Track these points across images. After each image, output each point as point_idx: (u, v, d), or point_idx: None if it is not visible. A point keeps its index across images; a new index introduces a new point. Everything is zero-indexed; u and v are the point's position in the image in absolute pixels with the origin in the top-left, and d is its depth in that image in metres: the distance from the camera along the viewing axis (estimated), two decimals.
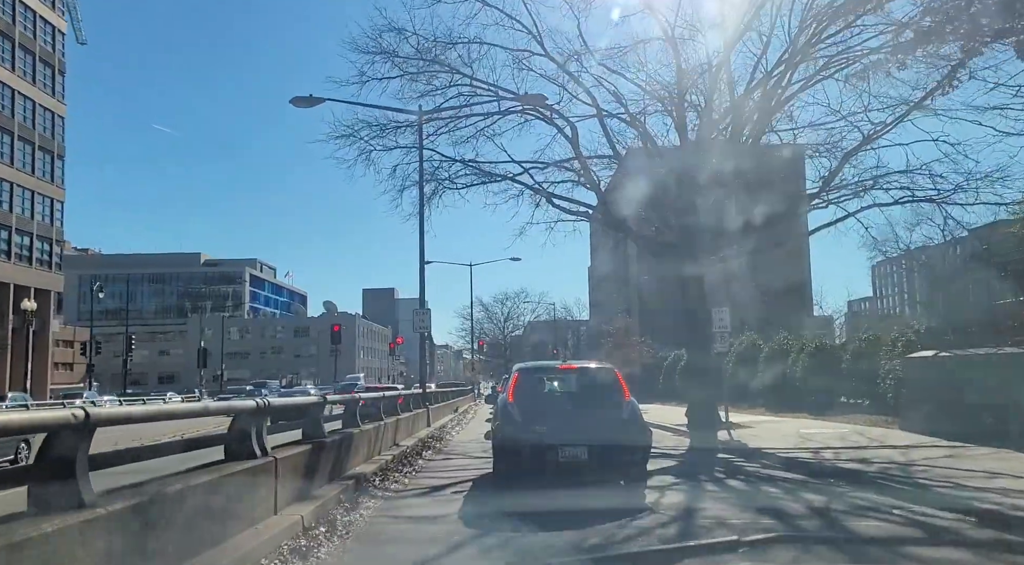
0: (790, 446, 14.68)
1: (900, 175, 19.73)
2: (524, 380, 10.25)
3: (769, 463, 12.59)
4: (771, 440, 15.94)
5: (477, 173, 22.55)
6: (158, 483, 4.76)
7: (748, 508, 7.75)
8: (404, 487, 9.98)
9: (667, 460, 13.81)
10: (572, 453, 8.90)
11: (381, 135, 22.42)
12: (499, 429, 9.78)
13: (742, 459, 13.45)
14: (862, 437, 15.67)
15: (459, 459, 14.29)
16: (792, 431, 18.13)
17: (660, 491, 9.06)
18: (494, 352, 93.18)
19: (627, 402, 9.72)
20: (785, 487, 9.61)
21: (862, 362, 22.33)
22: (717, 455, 14.39)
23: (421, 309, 20.38)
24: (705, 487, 9.82)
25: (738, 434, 17.76)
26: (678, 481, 10.40)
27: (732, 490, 9.81)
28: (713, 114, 20.71)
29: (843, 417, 20.98)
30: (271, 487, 6.41)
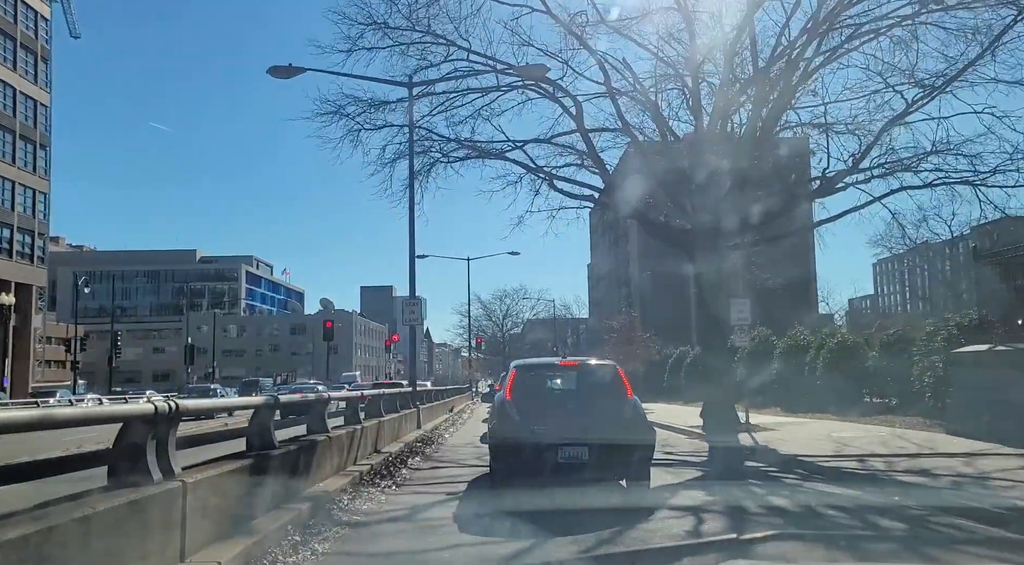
0: (827, 452, 12.90)
1: (935, 156, 18.00)
2: (522, 377, 9.88)
3: (812, 474, 10.79)
4: (802, 445, 14.16)
5: (473, 150, 20.74)
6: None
7: (829, 543, 5.81)
8: (379, 508, 8.16)
9: (689, 470, 12.01)
10: (572, 453, 8.52)
11: (369, 111, 20.65)
12: (496, 428, 9.37)
13: (777, 469, 11.65)
14: (906, 442, 13.87)
15: (450, 468, 12.49)
16: (821, 434, 16.35)
17: (696, 517, 7.21)
18: (493, 350, 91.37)
19: (629, 400, 9.33)
20: (851, 510, 7.68)
21: (890, 359, 20.58)
22: (745, 463, 12.58)
23: (411, 299, 18.55)
24: (747, 508, 7.89)
25: (762, 437, 15.98)
26: (711, 499, 8.53)
27: (788, 515, 7.81)
28: (734, 85, 18.89)
29: (872, 418, 19.20)
30: (176, 523, 4.61)
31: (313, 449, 8.10)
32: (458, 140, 21.17)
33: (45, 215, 55.97)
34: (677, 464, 12.76)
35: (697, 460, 13.62)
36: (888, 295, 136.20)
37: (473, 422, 25.69)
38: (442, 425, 22.22)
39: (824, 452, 12.93)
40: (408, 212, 18.13)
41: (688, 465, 12.69)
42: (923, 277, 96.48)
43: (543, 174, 21.64)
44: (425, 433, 17.50)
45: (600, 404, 9.29)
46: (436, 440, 17.35)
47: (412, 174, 18.14)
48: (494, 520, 7.02)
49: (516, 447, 8.78)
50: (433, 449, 15.45)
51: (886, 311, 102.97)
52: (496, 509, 7.53)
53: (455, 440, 18.34)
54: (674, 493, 9.16)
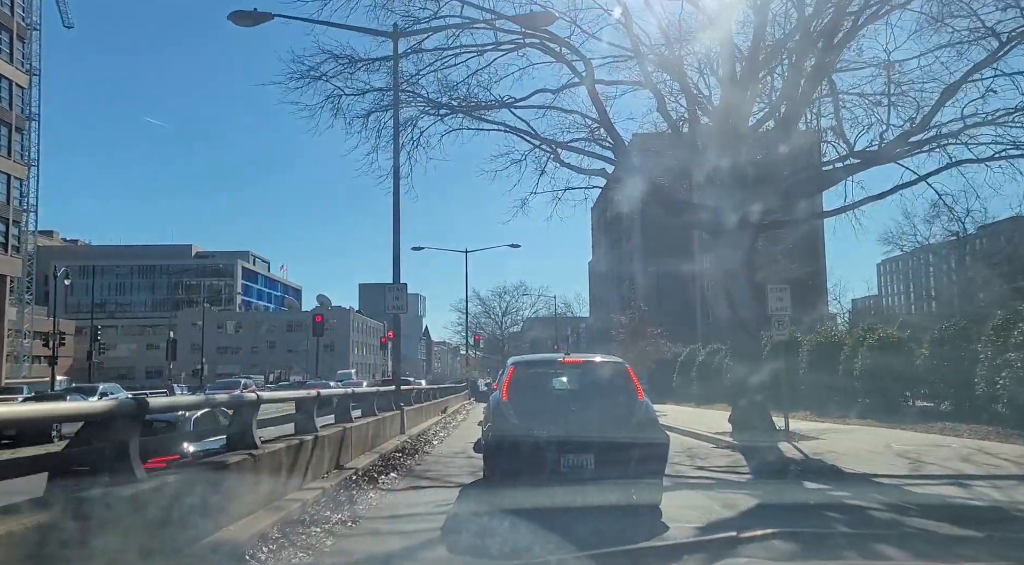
0: (902, 470, 10.35)
1: (991, 125, 15.45)
2: (521, 375, 8.92)
3: (908, 507, 8.19)
4: (862, 459, 11.60)
5: (466, 110, 18.21)
6: None
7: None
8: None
9: (735, 491, 9.46)
10: (576, 461, 7.79)
11: (349, 72, 18.10)
12: (491, 431, 8.41)
13: (851, 494, 9.05)
14: (994, 457, 11.31)
15: (432, 490, 9.92)
16: (876, 444, 13.77)
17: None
18: (492, 349, 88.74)
19: (640, 402, 8.51)
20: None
21: (942, 357, 18.03)
22: (804, 484, 10.01)
23: (395, 285, 15.98)
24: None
25: (807, 448, 13.41)
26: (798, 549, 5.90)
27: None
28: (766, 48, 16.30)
29: (927, 426, 16.58)
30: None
31: (221, 474, 5.55)
32: (451, 106, 18.66)
33: (22, 202, 53.35)
34: (717, 484, 10.21)
35: (738, 478, 11.06)
36: (892, 296, 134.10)
37: (468, 425, 23.15)
38: (431, 429, 19.65)
39: (898, 470, 10.39)
40: (393, 180, 15.53)
41: (730, 485, 10.14)
42: (928, 277, 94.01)
43: (548, 147, 19.12)
44: (408, 440, 14.93)
45: (607, 407, 8.48)
46: (421, 449, 14.78)
47: (397, 133, 15.55)
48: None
49: (513, 454, 7.95)
50: (415, 461, 12.88)
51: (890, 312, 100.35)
52: None
53: (445, 448, 15.78)
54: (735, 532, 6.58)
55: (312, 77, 17.72)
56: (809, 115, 17.29)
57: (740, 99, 15.85)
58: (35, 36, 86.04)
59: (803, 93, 15.58)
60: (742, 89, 16.07)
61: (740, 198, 15.97)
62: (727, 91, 16.49)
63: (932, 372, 18.34)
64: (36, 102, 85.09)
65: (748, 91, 16.35)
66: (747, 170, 16.36)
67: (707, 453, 14.42)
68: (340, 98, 18.42)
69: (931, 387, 18.68)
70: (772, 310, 15.30)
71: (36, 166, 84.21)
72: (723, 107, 16.54)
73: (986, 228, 55.80)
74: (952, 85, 14.25)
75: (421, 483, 10.46)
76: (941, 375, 18.05)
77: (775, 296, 15.37)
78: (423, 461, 13.10)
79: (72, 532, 3.56)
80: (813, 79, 15.70)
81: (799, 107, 16.15)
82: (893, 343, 20.05)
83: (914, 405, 20.26)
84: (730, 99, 16.34)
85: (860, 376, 20.47)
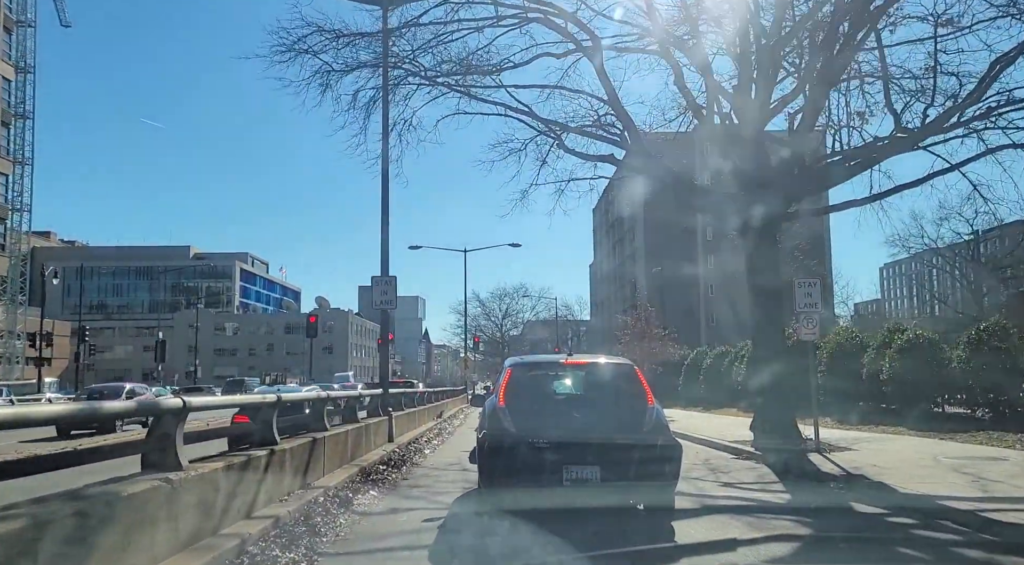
0: (967, 491, 8.83)
1: None
2: (520, 378, 8.24)
3: (993, 539, 6.68)
4: (914, 476, 10.09)
5: (465, 94, 16.77)
6: None
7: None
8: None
9: (776, 517, 7.94)
10: (580, 473, 7.16)
11: (336, 46, 16.67)
12: (486, 440, 7.64)
13: (918, 521, 7.52)
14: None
15: (418, 512, 8.41)
16: (921, 456, 12.25)
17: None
18: (491, 351, 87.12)
19: (650, 408, 7.80)
20: None
21: (981, 360, 16.55)
22: (853, 507, 8.48)
23: (383, 277, 14.47)
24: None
25: (843, 461, 11.91)
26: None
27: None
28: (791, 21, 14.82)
29: (969, 435, 15.05)
30: None
31: (112, 509, 4.04)
32: (447, 84, 17.21)
33: (7, 198, 51.93)
34: (752, 507, 8.69)
35: (774, 499, 9.55)
36: (896, 300, 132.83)
37: (465, 431, 21.66)
38: (424, 436, 18.13)
39: (961, 490, 8.87)
40: (382, 161, 14.04)
41: (767, 509, 8.62)
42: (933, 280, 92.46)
43: (552, 132, 17.65)
44: (396, 450, 13.41)
45: (614, 413, 7.88)
46: (411, 459, 13.27)
47: (386, 105, 14.08)
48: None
49: (510, 466, 7.28)
50: (402, 474, 11.36)
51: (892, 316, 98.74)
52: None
53: (437, 458, 14.27)
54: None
55: (297, 50, 16.32)
56: (836, 96, 15.81)
57: (765, 76, 14.37)
58: (29, 33, 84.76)
59: (836, 67, 14.05)
60: (765, 65, 14.59)
61: (765, 186, 14.51)
62: (745, 71, 15.04)
63: (968, 376, 16.85)
64: (30, 99, 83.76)
65: (769, 70, 14.90)
66: (766, 160, 14.93)
67: (728, 465, 12.91)
68: (329, 74, 17.08)
69: (968, 392, 17.17)
70: (800, 306, 13.79)
71: (30, 165, 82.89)
72: (743, 85, 15.06)
73: (991, 232, 54.43)
74: (1007, 55, 12.72)
75: (404, 503, 8.95)
76: (979, 379, 16.57)
77: (803, 291, 13.85)
78: (411, 474, 11.59)
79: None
80: (846, 50, 14.11)
81: (828, 86, 14.66)
82: (924, 344, 18.52)
83: (944, 412, 18.77)
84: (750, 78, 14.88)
85: (888, 380, 18.96)
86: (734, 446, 15.06)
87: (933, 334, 19.46)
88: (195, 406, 5.27)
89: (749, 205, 14.47)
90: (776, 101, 15.00)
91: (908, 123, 13.66)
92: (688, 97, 15.14)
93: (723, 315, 70.08)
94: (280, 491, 7.16)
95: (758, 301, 14.84)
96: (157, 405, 5.07)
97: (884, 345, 19.83)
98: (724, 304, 70.96)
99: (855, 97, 16.41)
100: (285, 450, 7.38)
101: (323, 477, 8.83)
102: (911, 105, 13.86)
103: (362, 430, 11.73)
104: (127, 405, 5.18)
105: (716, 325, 69.76)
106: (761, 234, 14.67)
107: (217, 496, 5.51)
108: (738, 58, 15.55)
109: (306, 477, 8.13)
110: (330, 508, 7.58)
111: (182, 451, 5.21)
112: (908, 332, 19.26)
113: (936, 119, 13.32)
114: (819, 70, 13.54)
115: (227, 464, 5.77)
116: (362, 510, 8.13)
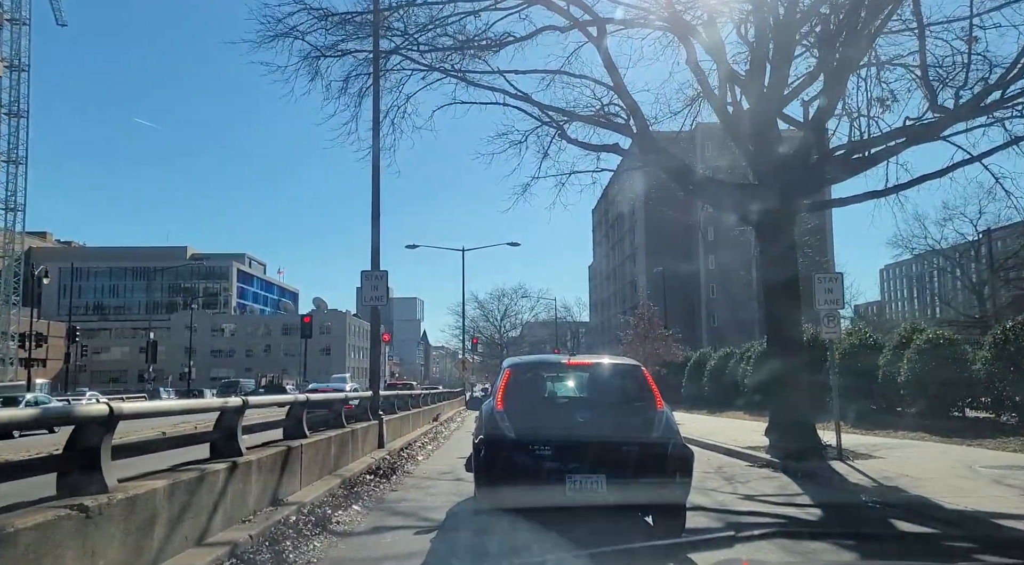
0: (1021, 507, 7.90)
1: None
2: (519, 380, 7.62)
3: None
4: (948, 486, 9.17)
5: (461, 80, 15.83)
6: None
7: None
8: None
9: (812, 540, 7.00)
10: (585, 484, 6.48)
11: (324, 27, 15.74)
12: (482, 447, 6.95)
13: (974, 545, 6.60)
14: None
15: (403, 531, 7.46)
16: (954, 465, 11.31)
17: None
18: (490, 353, 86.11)
19: (659, 412, 7.14)
20: None
21: (1008, 361, 15.61)
22: (896, 525, 7.53)
23: (374, 271, 13.50)
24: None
25: (868, 469, 11.00)
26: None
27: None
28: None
29: (995, 441, 14.16)
30: None
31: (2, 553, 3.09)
32: (442, 69, 16.28)
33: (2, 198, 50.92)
34: (786, 529, 7.73)
35: (803, 515, 8.63)
36: (896, 302, 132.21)
37: (462, 435, 20.71)
38: (418, 441, 17.16)
39: (1015, 506, 7.93)
40: (372, 143, 13.09)
41: (801, 530, 7.66)
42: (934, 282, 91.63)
43: (554, 119, 16.72)
44: (386, 457, 12.44)
45: (621, 418, 7.25)
46: (402, 467, 12.31)
47: (377, 85, 13.13)
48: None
49: (508, 475, 6.72)
50: (391, 485, 10.41)
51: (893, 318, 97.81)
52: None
53: (430, 466, 13.30)
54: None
55: (281, 33, 15.39)
56: (856, 82, 14.88)
57: (781, 54, 13.44)
58: (24, 31, 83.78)
59: (862, 43, 13.09)
60: (783, 44, 13.67)
61: (780, 175, 13.58)
62: (759, 53, 14.11)
63: (994, 378, 15.91)
64: (25, 98, 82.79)
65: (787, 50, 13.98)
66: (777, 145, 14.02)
67: (745, 474, 11.97)
68: (319, 60, 16.17)
69: (994, 395, 16.22)
70: (820, 303, 12.85)
71: (24, 164, 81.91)
72: (757, 64, 14.13)
73: (995, 231, 53.69)
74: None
75: (391, 519, 7.99)
76: (1006, 382, 15.63)
77: (823, 287, 12.90)
78: (401, 484, 10.63)
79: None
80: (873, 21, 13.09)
81: (849, 69, 13.73)
82: (944, 345, 17.57)
83: (964, 416, 17.83)
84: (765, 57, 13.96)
85: (906, 383, 18.02)
86: (748, 452, 14.12)
87: (954, 334, 18.50)
88: (127, 413, 4.31)
89: (763, 195, 13.55)
90: (792, 85, 14.09)
91: (944, 102, 12.73)
92: (701, 77, 14.20)
93: (724, 315, 69.15)
94: (243, 511, 6.20)
95: (772, 297, 13.91)
96: (72, 413, 4.12)
97: (901, 346, 18.89)
98: (725, 304, 70.12)
99: (874, 86, 15.56)
100: (251, 462, 6.42)
101: (299, 491, 7.88)
102: (943, 87, 12.92)
103: (348, 436, 10.76)
104: (21, 414, 4.20)
105: (717, 326, 68.93)
106: (776, 225, 13.75)
107: (155, 523, 4.55)
108: (752, 39, 14.66)
109: (277, 492, 7.18)
110: (303, 529, 6.63)
111: (109, 469, 4.26)
112: (928, 332, 18.29)
113: (974, 98, 12.39)
114: (841, 50, 12.60)
115: (171, 482, 4.80)
116: (341, 530, 7.18)
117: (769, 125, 13.94)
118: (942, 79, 12.89)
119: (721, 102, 14.18)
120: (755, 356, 27.67)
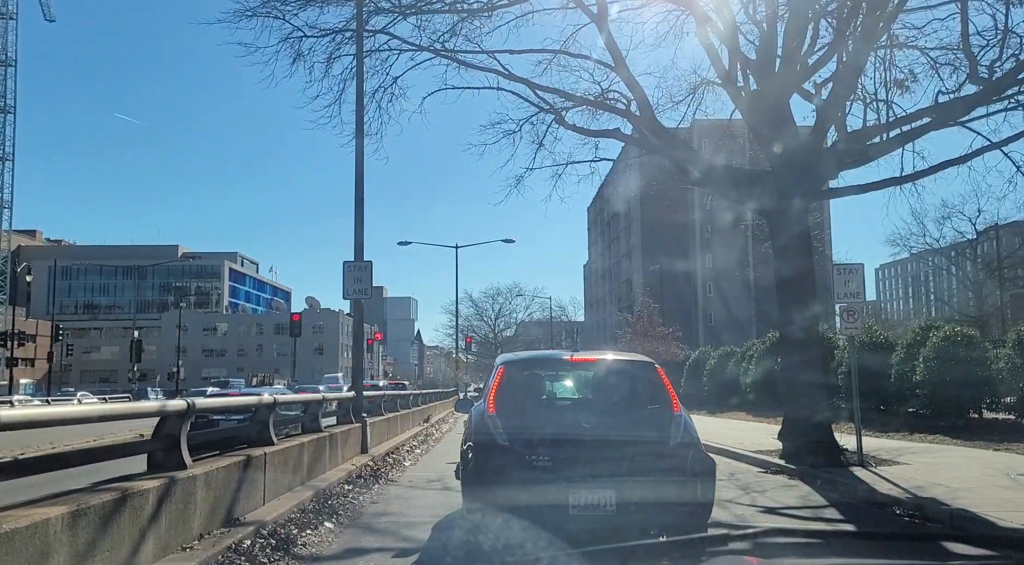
0: None
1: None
2: (514, 379, 6.62)
3: None
4: (989, 498, 8.27)
5: (452, 60, 14.84)
6: None
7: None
8: None
9: None
10: (591, 500, 5.66)
11: (305, 7, 14.74)
12: (472, 455, 6.02)
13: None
14: None
15: (380, 554, 6.46)
16: (987, 471, 10.39)
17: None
18: (484, 353, 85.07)
19: (676, 416, 6.20)
20: None
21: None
22: (946, 547, 6.59)
23: (357, 262, 12.49)
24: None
25: (893, 476, 10.07)
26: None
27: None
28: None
29: (1022, 445, 13.25)
30: None
31: None
32: (433, 49, 15.30)
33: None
34: (813, 546, 6.77)
35: (831, 528, 7.56)
36: (892, 301, 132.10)
37: (453, 437, 19.69)
38: (406, 445, 16.15)
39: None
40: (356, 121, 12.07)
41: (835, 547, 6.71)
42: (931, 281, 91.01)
43: (552, 105, 15.74)
44: (369, 463, 11.43)
45: (633, 423, 6.36)
46: (386, 474, 11.29)
47: (360, 58, 12.12)
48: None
49: (501, 488, 5.80)
50: (372, 495, 9.39)
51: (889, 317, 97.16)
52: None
53: (417, 472, 12.29)
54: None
55: (263, 13, 14.38)
56: (875, 58, 13.94)
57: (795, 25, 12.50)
58: (11, 26, 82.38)
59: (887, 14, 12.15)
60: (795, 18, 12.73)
61: (794, 161, 12.65)
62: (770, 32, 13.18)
63: (1019, 379, 14.99)
64: (12, 95, 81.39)
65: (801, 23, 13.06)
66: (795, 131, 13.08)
67: (761, 482, 11.02)
68: (301, 41, 15.18)
69: (1019, 395, 15.31)
70: (840, 296, 11.92)
71: (11, 160, 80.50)
72: (767, 40, 13.19)
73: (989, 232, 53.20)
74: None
75: (366, 539, 6.99)
76: None
77: (842, 279, 11.98)
78: (383, 495, 9.62)
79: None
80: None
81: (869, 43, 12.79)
82: (964, 343, 16.64)
83: (983, 418, 16.93)
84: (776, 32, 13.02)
85: (922, 382, 17.09)
86: (760, 458, 13.18)
87: (971, 331, 17.59)
88: (38, 419, 3.29)
89: (778, 181, 12.60)
90: (810, 63, 13.16)
91: (983, 74, 11.79)
92: (713, 54, 13.23)
93: (720, 314, 68.35)
94: (185, 536, 5.19)
95: (785, 290, 12.97)
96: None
97: (915, 344, 17.97)
98: (721, 303, 69.33)
99: (891, 67, 14.65)
100: (195, 476, 5.40)
101: (262, 507, 6.86)
102: (984, 53, 12.03)
103: (325, 441, 9.75)
104: None
105: (713, 324, 68.14)
106: (790, 214, 12.80)
107: (51, 555, 3.54)
108: (762, 18, 13.72)
109: (233, 510, 6.16)
110: (259, 555, 5.62)
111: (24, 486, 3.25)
112: (945, 328, 17.37)
113: (1012, 69, 11.48)
114: (862, 23, 11.67)
115: (73, 510, 3.79)
116: (307, 553, 6.17)
117: (784, 107, 13.00)
118: (982, 47, 11.99)
119: (733, 82, 13.23)
120: (757, 355, 26.77)
